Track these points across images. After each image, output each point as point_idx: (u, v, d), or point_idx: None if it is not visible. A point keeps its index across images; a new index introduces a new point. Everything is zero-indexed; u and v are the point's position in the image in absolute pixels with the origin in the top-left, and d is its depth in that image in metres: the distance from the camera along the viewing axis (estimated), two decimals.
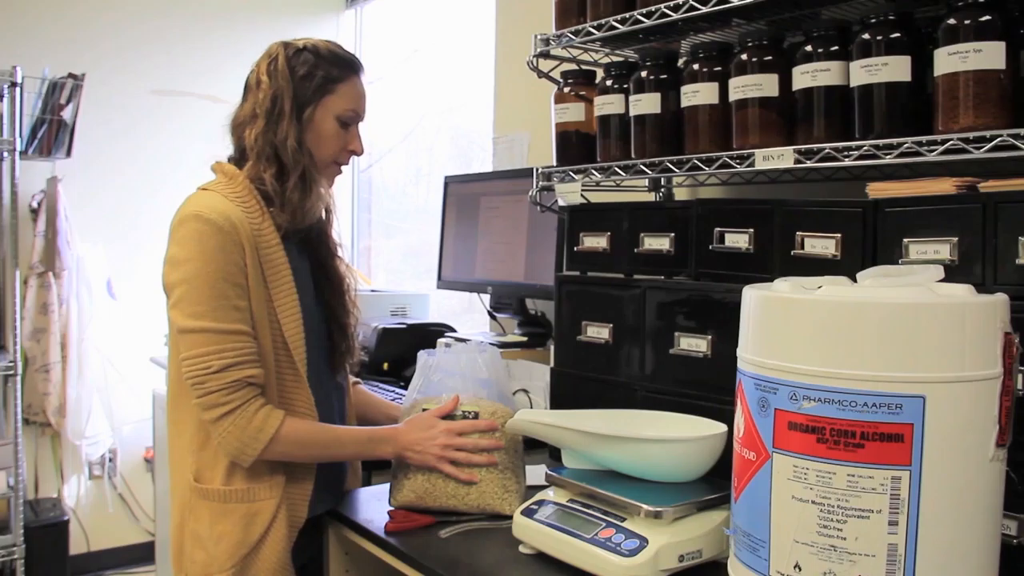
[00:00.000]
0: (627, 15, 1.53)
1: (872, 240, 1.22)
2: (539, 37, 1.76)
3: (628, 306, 1.53)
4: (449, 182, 2.67)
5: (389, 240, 4.03)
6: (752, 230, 1.37)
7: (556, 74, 1.80)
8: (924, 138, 1.17)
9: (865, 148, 1.23)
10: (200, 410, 1.36)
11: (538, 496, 1.33)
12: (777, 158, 1.34)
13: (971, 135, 1.12)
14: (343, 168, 1.55)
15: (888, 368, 0.90)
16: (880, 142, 1.22)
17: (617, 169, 1.62)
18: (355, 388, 1.73)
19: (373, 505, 1.53)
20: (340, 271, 1.59)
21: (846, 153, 1.26)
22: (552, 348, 1.75)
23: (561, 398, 1.69)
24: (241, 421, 1.34)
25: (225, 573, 1.40)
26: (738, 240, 1.39)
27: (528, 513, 1.30)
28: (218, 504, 1.41)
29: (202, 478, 1.43)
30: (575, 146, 1.75)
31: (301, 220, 1.46)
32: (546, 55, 1.78)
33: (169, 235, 1.40)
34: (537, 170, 1.80)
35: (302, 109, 1.45)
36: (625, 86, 1.61)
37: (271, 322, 1.41)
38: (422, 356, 1.57)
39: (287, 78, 1.44)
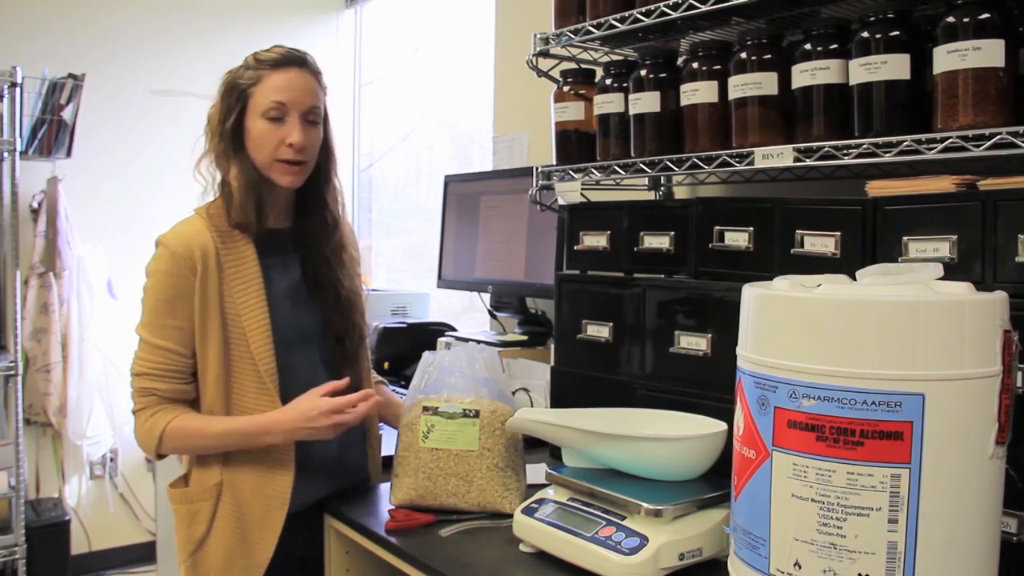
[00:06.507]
0: (626, 14, 1.53)
1: (872, 238, 1.22)
2: (538, 36, 1.76)
3: (628, 305, 1.53)
4: (449, 181, 2.67)
5: (389, 239, 4.04)
6: (752, 228, 1.37)
7: (555, 73, 1.80)
8: (923, 136, 1.17)
9: (864, 146, 1.23)
10: None
11: (538, 495, 1.33)
12: (776, 156, 1.34)
13: (970, 133, 1.12)
14: (294, 165, 1.49)
15: (887, 366, 0.90)
16: (879, 140, 1.22)
17: (617, 168, 1.62)
18: (377, 387, 1.75)
19: (374, 504, 1.53)
20: (333, 281, 1.59)
21: (845, 151, 1.26)
22: (552, 347, 1.75)
23: (561, 397, 1.69)
24: (138, 422, 1.51)
25: (184, 564, 1.53)
26: (738, 238, 1.39)
27: (528, 512, 1.30)
28: (174, 503, 1.56)
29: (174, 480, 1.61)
30: (575, 145, 1.75)
31: (244, 222, 1.49)
32: (545, 54, 1.78)
33: None
34: (537, 169, 1.80)
35: (225, 121, 1.49)
36: (624, 85, 1.61)
37: (233, 337, 1.47)
38: (425, 356, 1.57)
39: (217, 103, 1.52)
